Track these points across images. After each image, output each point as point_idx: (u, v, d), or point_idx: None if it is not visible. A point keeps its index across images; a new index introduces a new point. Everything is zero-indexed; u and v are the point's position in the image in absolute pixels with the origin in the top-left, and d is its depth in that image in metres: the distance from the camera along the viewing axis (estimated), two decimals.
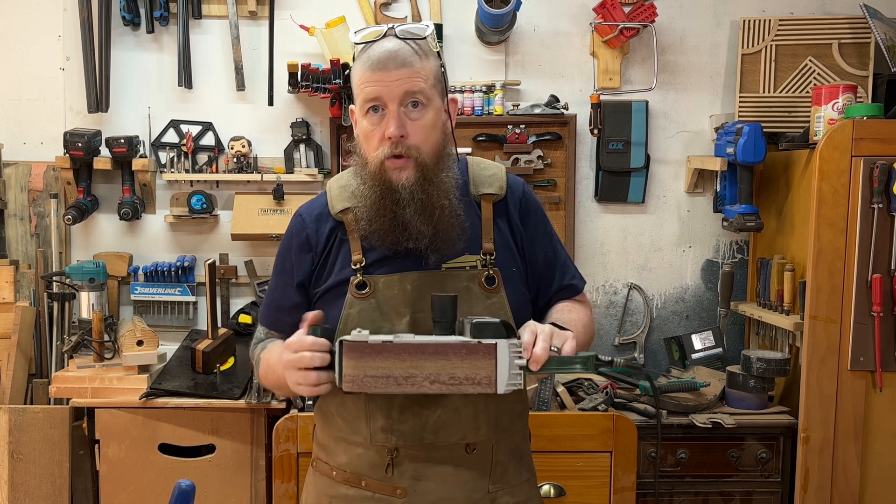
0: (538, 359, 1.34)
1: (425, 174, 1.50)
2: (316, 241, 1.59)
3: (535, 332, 1.37)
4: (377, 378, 1.33)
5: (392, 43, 1.50)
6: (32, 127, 3.07)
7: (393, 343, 1.34)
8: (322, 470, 1.62)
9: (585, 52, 3.05)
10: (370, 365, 1.33)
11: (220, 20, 3.03)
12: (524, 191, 1.65)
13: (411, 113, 1.49)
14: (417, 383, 1.34)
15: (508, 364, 1.34)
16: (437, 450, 1.52)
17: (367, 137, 1.52)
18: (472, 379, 1.34)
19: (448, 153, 1.56)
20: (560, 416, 2.43)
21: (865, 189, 2.41)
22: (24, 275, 3.01)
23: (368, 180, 1.53)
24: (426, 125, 1.50)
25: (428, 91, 1.50)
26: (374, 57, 1.49)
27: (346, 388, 1.34)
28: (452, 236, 1.52)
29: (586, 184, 3.09)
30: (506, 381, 1.34)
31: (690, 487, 2.64)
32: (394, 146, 1.48)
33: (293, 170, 3.01)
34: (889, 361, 2.43)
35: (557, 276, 1.65)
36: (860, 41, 2.90)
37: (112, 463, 2.66)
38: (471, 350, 1.34)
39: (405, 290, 1.51)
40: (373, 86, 1.48)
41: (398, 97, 1.48)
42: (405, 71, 1.48)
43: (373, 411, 1.52)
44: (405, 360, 1.33)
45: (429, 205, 1.50)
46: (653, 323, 3.13)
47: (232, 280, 3.09)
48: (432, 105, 1.51)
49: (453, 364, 1.34)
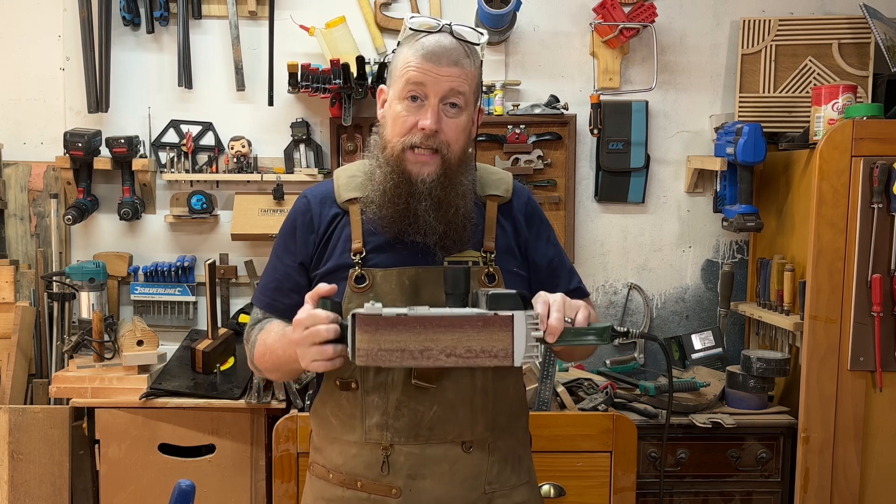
0: (554, 330, 1.33)
1: (447, 173, 1.51)
2: (319, 223, 1.59)
3: (549, 303, 1.36)
4: (392, 351, 1.31)
5: (447, 39, 1.52)
6: (32, 127, 3.07)
7: (408, 316, 1.31)
8: (318, 473, 1.62)
9: (585, 52, 3.05)
10: (384, 338, 1.30)
11: (220, 20, 3.03)
12: (529, 198, 1.67)
13: (448, 111, 1.50)
14: (433, 356, 1.31)
15: (525, 336, 1.33)
16: (432, 447, 1.52)
17: (396, 121, 1.52)
18: (488, 351, 1.32)
19: (469, 157, 1.58)
20: (560, 416, 2.44)
21: (865, 189, 2.41)
22: (24, 275, 3.01)
23: (385, 165, 1.53)
24: (459, 126, 1.52)
25: (468, 95, 1.52)
26: (427, 46, 1.50)
27: (360, 362, 1.31)
28: (463, 237, 1.53)
29: (586, 184, 3.09)
30: (523, 354, 1.33)
31: (690, 487, 2.64)
32: (426, 137, 1.49)
33: (293, 170, 3.01)
34: (889, 361, 2.43)
35: (563, 281, 1.66)
36: (860, 41, 2.90)
37: (112, 463, 2.66)
38: (487, 322, 1.32)
39: (402, 284, 1.51)
40: (420, 73, 1.48)
41: (442, 92, 1.49)
42: (455, 70, 1.49)
43: (368, 408, 1.52)
44: (420, 332, 1.31)
45: (445, 202, 1.51)
46: (653, 323, 3.13)
47: (232, 280, 3.09)
48: (467, 110, 1.53)
49: (469, 336, 1.31)
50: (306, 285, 1.59)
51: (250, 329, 1.67)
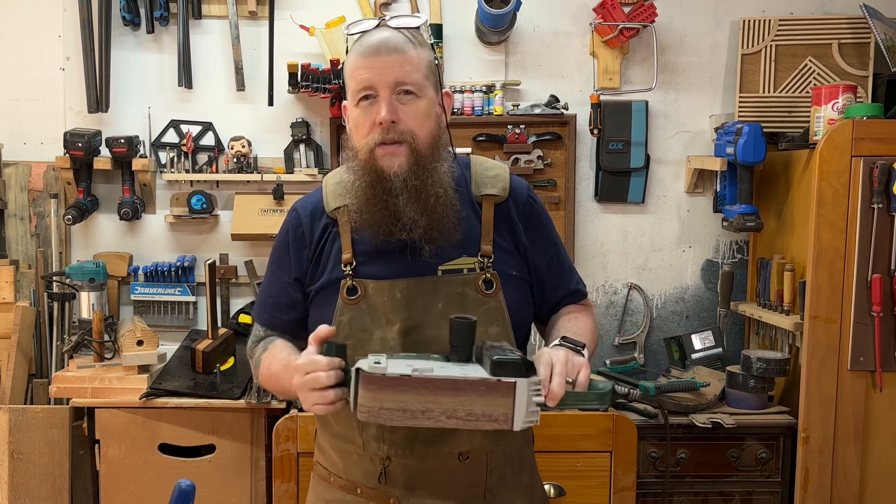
0: (555, 396, 1.32)
1: (419, 161, 1.46)
2: (310, 237, 1.57)
3: (551, 365, 1.34)
4: (393, 410, 1.29)
5: (385, 32, 1.49)
6: (32, 127, 3.07)
7: (411, 377, 1.29)
8: (321, 474, 1.62)
9: (585, 52, 3.05)
10: (387, 398, 1.29)
11: (220, 20, 3.03)
12: (529, 194, 1.61)
13: (402, 99, 1.46)
14: (434, 417, 1.30)
15: (526, 401, 1.31)
16: (429, 459, 1.50)
17: (357, 126, 1.49)
18: (489, 416, 1.30)
19: (443, 145, 1.53)
20: (560, 416, 2.43)
21: (865, 189, 2.41)
22: (24, 275, 3.01)
23: (359, 170, 1.49)
24: (419, 112, 1.47)
25: (420, 81, 1.47)
26: (365, 44, 1.48)
27: (362, 419, 1.30)
28: (448, 227, 1.48)
29: (586, 184, 3.09)
30: (523, 419, 1.31)
31: (690, 487, 2.64)
32: (385, 132, 1.45)
33: (293, 170, 3.01)
34: (889, 361, 2.43)
35: (563, 282, 1.63)
36: (860, 41, 2.90)
37: (112, 463, 2.66)
38: (490, 388, 1.30)
39: (395, 297, 1.48)
40: (365, 72, 1.45)
41: (390, 83, 1.45)
42: (397, 57, 1.45)
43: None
44: (423, 394, 1.29)
45: (423, 193, 1.46)
46: (653, 323, 3.13)
47: (232, 280, 3.08)
48: (425, 95, 1.48)
49: (472, 400, 1.30)
50: (302, 301, 1.58)
51: (253, 346, 1.65)
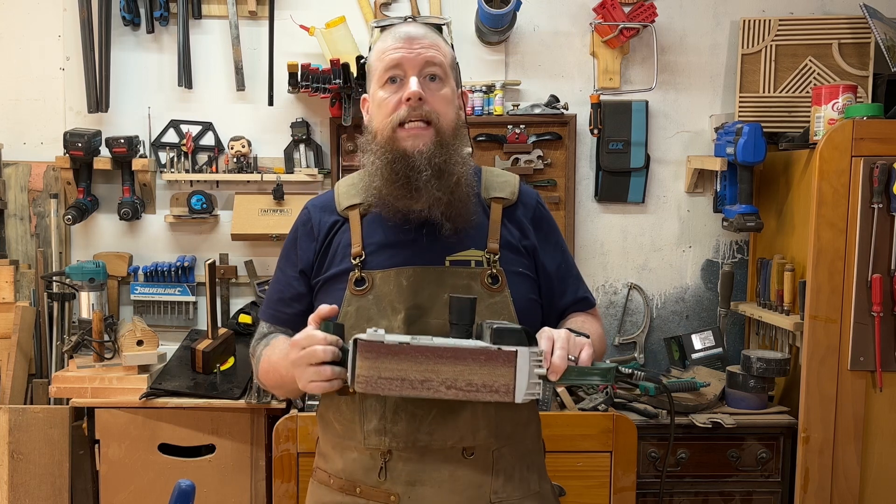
0: (557, 368, 1.31)
1: (442, 142, 1.50)
2: (318, 230, 1.59)
3: (552, 339, 1.33)
4: (392, 380, 1.28)
5: (415, 26, 1.56)
6: (32, 127, 3.07)
7: (410, 345, 1.28)
8: (320, 478, 1.61)
9: (585, 52, 3.05)
10: (385, 366, 1.27)
11: (220, 20, 3.03)
12: (538, 202, 1.65)
13: (430, 84, 1.51)
14: (433, 388, 1.28)
15: (528, 373, 1.29)
16: (432, 453, 1.48)
17: (381, 106, 1.52)
18: (489, 386, 1.29)
19: (463, 135, 1.57)
20: (560, 416, 2.43)
21: (865, 189, 2.41)
22: (24, 275, 3.01)
23: (378, 151, 1.52)
24: (445, 97, 1.53)
25: (446, 69, 1.54)
26: (399, 31, 1.54)
27: (360, 389, 1.28)
28: (467, 207, 1.52)
29: (586, 184, 3.09)
30: (524, 390, 1.29)
31: (690, 487, 2.64)
32: (413, 109, 1.48)
33: (293, 170, 3.01)
34: (889, 361, 2.43)
35: (571, 288, 1.65)
36: (860, 41, 2.90)
37: (112, 463, 2.66)
38: (490, 356, 1.28)
39: (401, 285, 1.49)
40: (394, 52, 1.51)
41: (419, 65, 1.50)
42: (427, 42, 1.52)
43: (366, 412, 1.50)
44: (422, 363, 1.28)
45: (446, 171, 1.49)
46: (653, 323, 3.13)
47: (232, 280, 3.08)
48: (449, 84, 1.54)
49: (471, 370, 1.28)
50: (307, 294, 1.60)
51: (256, 343, 1.66)
